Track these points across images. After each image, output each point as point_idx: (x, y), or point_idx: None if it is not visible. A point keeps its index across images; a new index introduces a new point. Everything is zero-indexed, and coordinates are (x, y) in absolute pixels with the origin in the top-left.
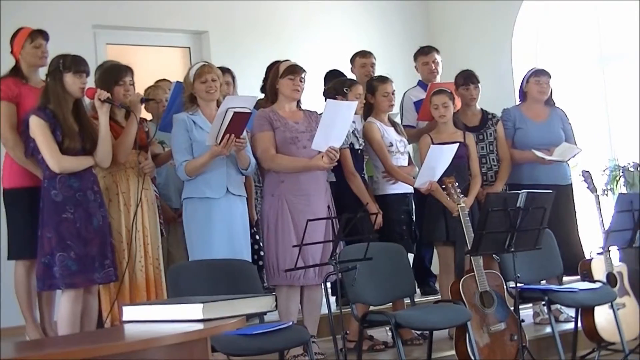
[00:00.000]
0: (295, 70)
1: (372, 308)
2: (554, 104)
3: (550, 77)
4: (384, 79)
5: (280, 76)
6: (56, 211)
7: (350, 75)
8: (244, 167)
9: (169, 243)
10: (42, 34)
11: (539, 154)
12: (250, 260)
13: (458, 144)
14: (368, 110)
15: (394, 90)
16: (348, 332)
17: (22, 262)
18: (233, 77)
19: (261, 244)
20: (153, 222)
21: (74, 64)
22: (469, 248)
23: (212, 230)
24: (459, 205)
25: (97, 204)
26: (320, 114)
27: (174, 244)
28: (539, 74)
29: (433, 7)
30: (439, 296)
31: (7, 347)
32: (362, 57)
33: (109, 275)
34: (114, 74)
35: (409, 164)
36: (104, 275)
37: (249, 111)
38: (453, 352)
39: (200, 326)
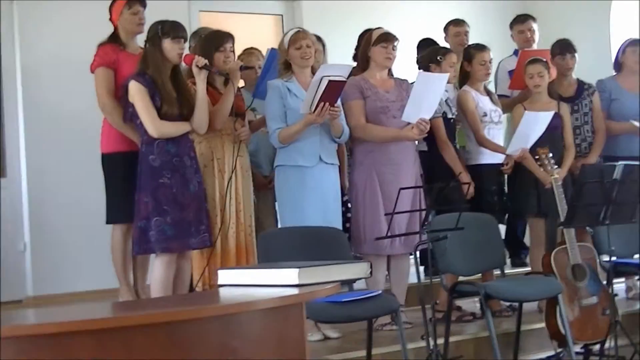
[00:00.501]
0: (388, 38)
1: (461, 278)
2: None
3: None
4: (481, 47)
5: (372, 44)
6: (153, 176)
7: (444, 44)
8: (337, 135)
9: (258, 210)
10: (140, 1)
11: (637, 124)
12: (341, 229)
13: (553, 112)
14: (464, 78)
15: (492, 59)
16: (437, 302)
17: (119, 226)
18: (323, 45)
19: (348, 215)
20: (246, 189)
21: (173, 29)
22: (562, 220)
23: (303, 198)
24: (552, 177)
25: (193, 170)
26: (411, 83)
27: (264, 210)
28: (636, 44)
29: None
30: (530, 269)
31: (104, 307)
32: (455, 26)
33: (204, 240)
34: (215, 41)
35: None
36: (199, 241)
37: (344, 80)
38: (542, 325)
39: (295, 291)
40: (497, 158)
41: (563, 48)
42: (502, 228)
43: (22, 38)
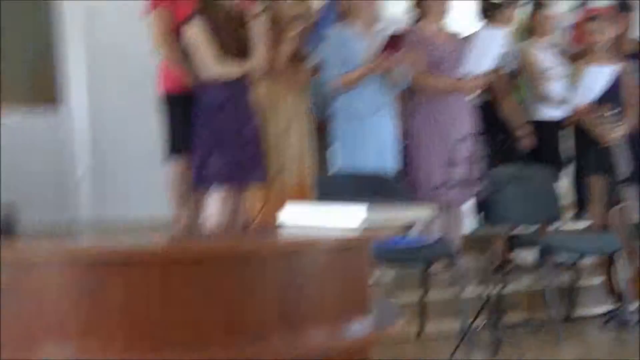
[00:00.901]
0: None
1: (517, 229)
2: None
3: None
4: (547, 1)
5: None
6: (212, 114)
7: None
8: (395, 84)
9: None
10: None
11: None
12: (397, 176)
13: (616, 66)
14: (528, 31)
15: (557, 13)
16: (493, 251)
17: (176, 161)
18: None
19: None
20: (306, 132)
21: None
22: (622, 178)
23: (360, 145)
24: (613, 135)
25: (250, 109)
26: (466, 37)
27: (321, 155)
28: None
29: None
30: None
31: (168, 238)
32: None
33: (259, 178)
34: None
35: None
36: (254, 178)
37: (404, 31)
38: (599, 281)
39: (360, 231)
40: (558, 113)
41: (623, 6)
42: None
43: None
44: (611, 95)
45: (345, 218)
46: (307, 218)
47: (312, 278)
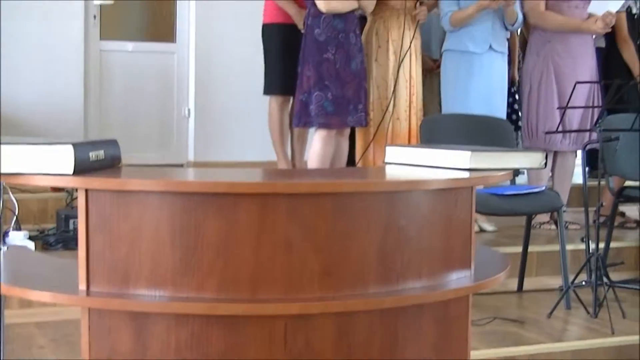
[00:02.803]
0: None
1: (628, 183)
2: None
3: None
4: None
5: None
6: (318, 50)
7: None
8: (510, 22)
9: (423, 94)
10: None
11: None
12: (505, 119)
13: None
14: None
15: None
16: (604, 204)
17: (275, 98)
18: None
19: (515, 105)
20: (419, 72)
21: None
22: None
23: (470, 85)
24: None
25: (357, 48)
26: None
27: (429, 95)
28: None
29: None
30: None
31: (269, 173)
32: None
33: (360, 119)
34: None
35: None
36: (356, 119)
37: None
38: None
39: (466, 174)
40: None
41: None
42: None
43: None
44: None
45: (451, 161)
46: (411, 159)
47: (414, 221)
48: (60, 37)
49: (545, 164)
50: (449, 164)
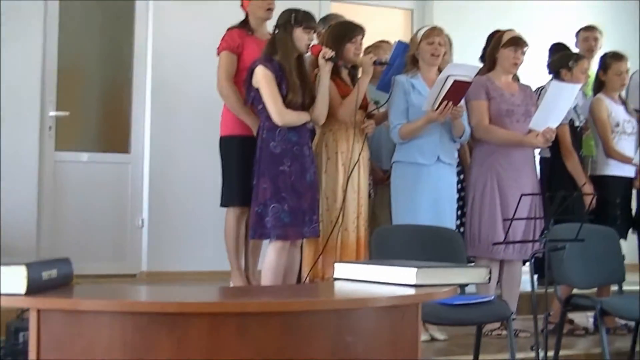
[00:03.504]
0: (517, 43)
1: (576, 291)
2: None
3: None
4: (619, 57)
5: (501, 46)
6: (274, 163)
7: (574, 50)
8: (458, 135)
9: (374, 205)
10: None
11: None
12: (454, 229)
13: None
14: (598, 86)
15: (628, 69)
16: (551, 312)
17: (233, 209)
18: (450, 44)
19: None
20: (366, 184)
21: (305, 19)
22: None
23: (419, 196)
24: None
25: (310, 159)
26: (537, 89)
27: (380, 206)
28: None
29: None
30: None
31: (220, 291)
32: (585, 31)
33: (315, 230)
34: (347, 31)
35: None
36: (311, 230)
37: (470, 81)
38: None
39: (412, 291)
40: (626, 170)
41: None
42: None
43: (155, 21)
44: None
45: (397, 277)
46: (359, 275)
47: (361, 337)
48: (15, 148)
49: (490, 278)
50: (396, 279)
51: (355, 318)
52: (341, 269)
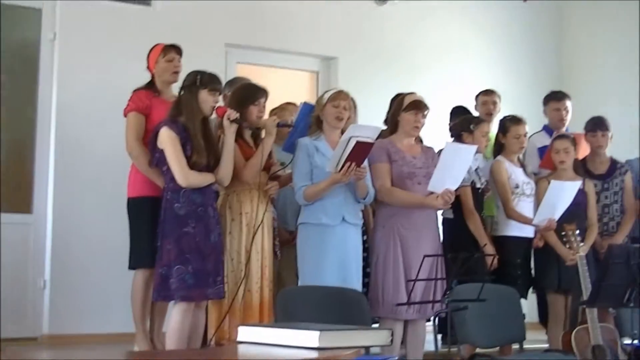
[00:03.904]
0: (418, 106)
1: (479, 350)
2: None
3: None
4: (517, 120)
5: (403, 109)
6: (178, 224)
7: (474, 113)
8: (362, 196)
9: (280, 266)
10: (175, 49)
11: None
12: (360, 290)
13: (580, 182)
14: (498, 149)
15: (527, 133)
16: None
17: (142, 271)
18: (355, 106)
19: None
20: (270, 245)
21: (211, 81)
22: (585, 299)
23: (324, 257)
24: (578, 254)
25: (215, 221)
26: (438, 151)
27: (286, 267)
28: None
29: (566, 49)
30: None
31: (118, 353)
32: (484, 95)
33: (219, 291)
34: (251, 93)
35: None
36: (216, 291)
37: (372, 141)
38: None
39: (315, 354)
40: (525, 231)
41: (595, 125)
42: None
43: (60, 75)
44: (574, 214)
45: (301, 340)
46: (264, 338)
47: None
48: None
49: (392, 340)
50: (300, 343)
51: None
52: (245, 332)
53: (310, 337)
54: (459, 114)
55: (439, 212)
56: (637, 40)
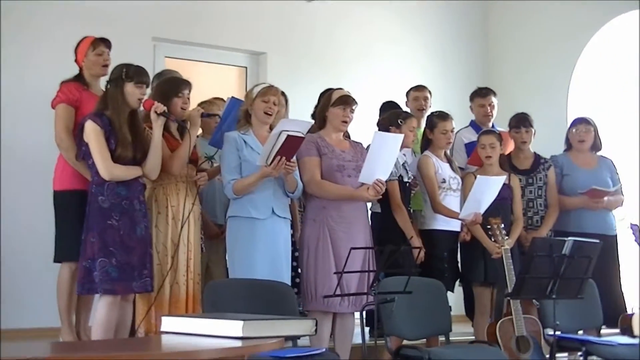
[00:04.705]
0: (346, 101)
1: (406, 342)
2: (601, 148)
3: (590, 123)
4: (444, 116)
5: (331, 104)
6: (102, 217)
7: (405, 109)
8: (291, 190)
9: (209, 260)
10: (104, 42)
11: (598, 187)
12: (290, 284)
13: (505, 177)
14: (426, 144)
15: (453, 128)
16: None
17: (67, 265)
18: (286, 101)
19: (299, 269)
20: (197, 238)
21: (137, 74)
22: (509, 291)
23: (254, 251)
24: (502, 247)
25: (141, 214)
26: (367, 147)
27: (215, 260)
28: (576, 124)
29: (492, 47)
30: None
31: (43, 346)
32: (415, 91)
33: (146, 284)
34: (174, 86)
35: None
36: (141, 284)
37: (303, 136)
38: None
39: (239, 343)
40: (452, 225)
41: (519, 121)
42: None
43: None
44: (500, 208)
45: (225, 330)
46: (188, 329)
47: None
48: None
49: (316, 330)
50: (224, 332)
51: None
52: (169, 323)
53: (234, 327)
54: (388, 108)
55: (369, 206)
56: (561, 38)
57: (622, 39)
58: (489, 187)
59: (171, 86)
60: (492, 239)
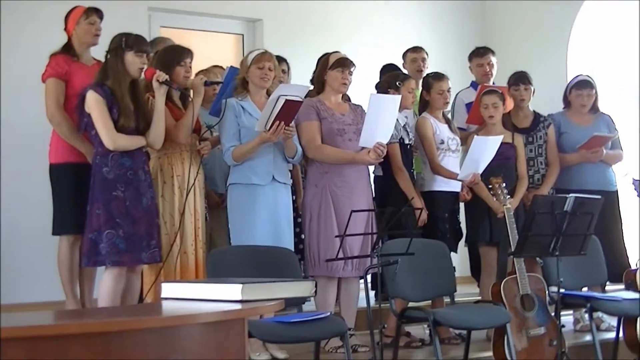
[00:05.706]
0: (344, 63)
1: (410, 304)
2: (599, 109)
3: (593, 87)
4: (439, 76)
5: (329, 68)
6: (107, 188)
7: (404, 71)
8: (290, 155)
9: (211, 228)
10: (97, 12)
11: (599, 134)
12: (293, 249)
13: (502, 136)
14: (423, 106)
15: (450, 88)
16: (386, 326)
17: (66, 238)
18: (288, 67)
19: (302, 235)
20: (203, 207)
21: (137, 43)
22: (513, 249)
23: (255, 217)
24: (504, 206)
25: (146, 184)
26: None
27: (217, 229)
28: (580, 87)
29: (489, 7)
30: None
31: (42, 315)
32: (412, 52)
33: (154, 255)
34: (176, 55)
35: None
36: (149, 255)
37: (301, 100)
38: (490, 353)
39: (238, 306)
40: (452, 186)
41: (518, 79)
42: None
43: None
44: (504, 168)
45: (224, 294)
46: (187, 294)
47: (186, 354)
48: None
49: (316, 292)
50: (223, 296)
51: (180, 336)
52: (169, 289)
53: (233, 290)
54: (389, 71)
55: (370, 169)
56: None
57: None
58: (486, 147)
59: (173, 54)
60: (494, 199)
